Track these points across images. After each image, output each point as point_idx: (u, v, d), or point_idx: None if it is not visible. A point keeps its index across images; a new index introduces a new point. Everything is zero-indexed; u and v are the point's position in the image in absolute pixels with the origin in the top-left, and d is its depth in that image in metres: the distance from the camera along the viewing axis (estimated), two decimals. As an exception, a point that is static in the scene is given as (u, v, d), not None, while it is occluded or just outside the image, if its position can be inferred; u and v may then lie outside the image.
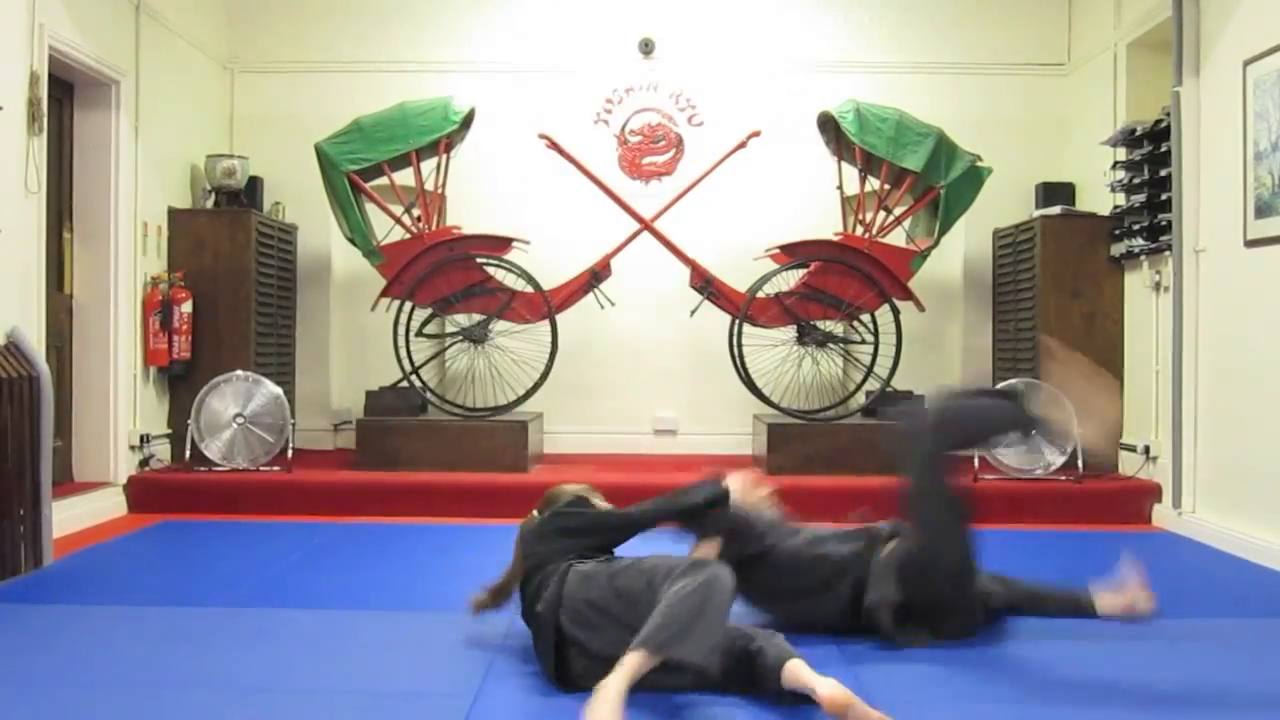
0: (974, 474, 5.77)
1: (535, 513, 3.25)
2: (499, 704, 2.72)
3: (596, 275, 6.27)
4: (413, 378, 6.27)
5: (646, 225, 6.38)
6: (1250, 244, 4.82)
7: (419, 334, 6.30)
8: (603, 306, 6.32)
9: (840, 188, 6.34)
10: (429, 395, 6.40)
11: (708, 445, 6.96)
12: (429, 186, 6.21)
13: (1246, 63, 4.85)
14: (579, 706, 2.71)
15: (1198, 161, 5.31)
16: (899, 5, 7.20)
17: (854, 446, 6.03)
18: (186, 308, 6.15)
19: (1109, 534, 5.29)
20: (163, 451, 6.19)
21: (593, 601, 2.80)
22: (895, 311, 6.18)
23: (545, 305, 6.15)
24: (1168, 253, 5.57)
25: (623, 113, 7.19)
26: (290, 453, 5.97)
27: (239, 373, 5.99)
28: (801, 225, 6.54)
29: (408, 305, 6.23)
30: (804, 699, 2.60)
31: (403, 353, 6.22)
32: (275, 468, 5.88)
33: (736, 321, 6.19)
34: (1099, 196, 6.46)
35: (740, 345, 6.20)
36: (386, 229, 6.25)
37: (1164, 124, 5.61)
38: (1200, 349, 5.29)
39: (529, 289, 6.19)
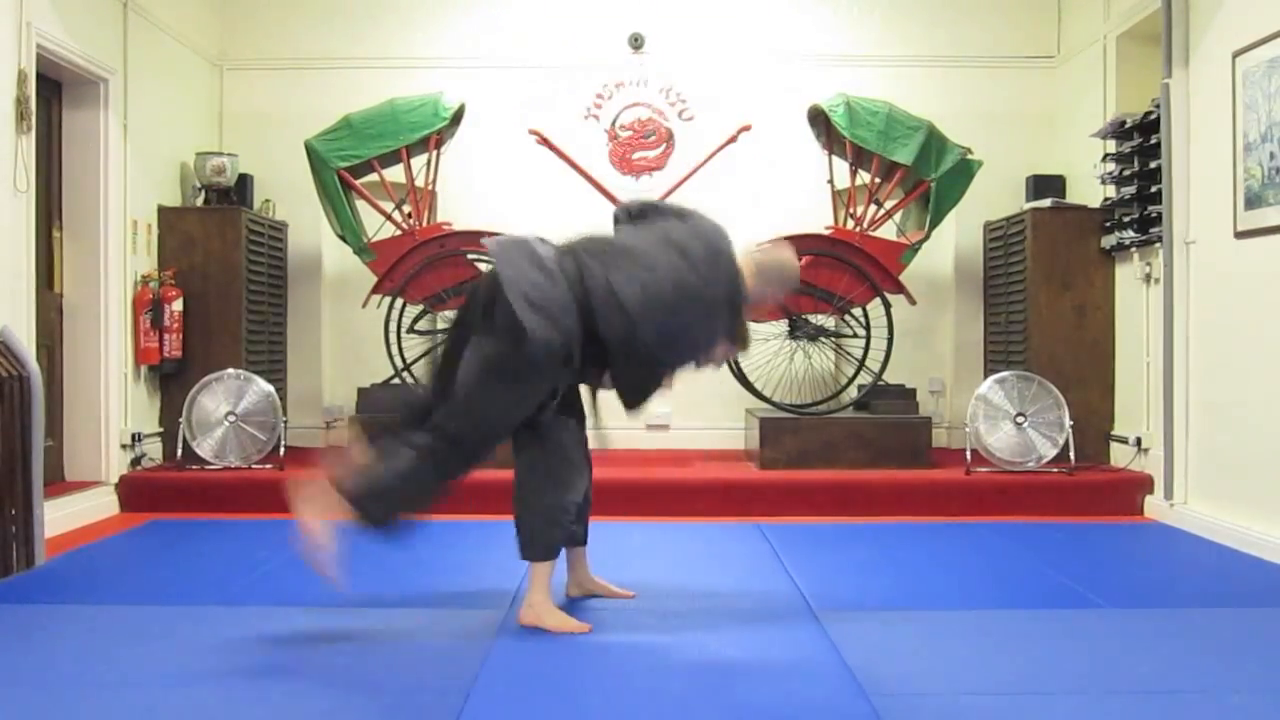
0: (966, 467, 5.79)
1: None
2: (493, 701, 2.72)
3: (588, 271, 6.26)
4: (405, 374, 6.26)
5: (638, 220, 6.36)
6: (1240, 235, 4.83)
7: (410, 331, 6.29)
8: (594, 302, 6.31)
9: (831, 181, 6.34)
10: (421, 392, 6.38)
11: (700, 440, 6.97)
12: (419, 183, 6.20)
13: (1236, 54, 4.86)
14: (572, 703, 2.72)
15: (1187, 153, 5.32)
16: (889, -2, 7.22)
17: (846, 440, 6.04)
18: (177, 306, 6.13)
19: (1101, 525, 5.31)
20: (154, 450, 6.18)
21: None
22: (886, 305, 6.18)
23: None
24: (1158, 244, 5.58)
25: (613, 108, 7.18)
26: (282, 450, 5.96)
27: (230, 371, 5.98)
28: (792, 219, 6.53)
29: (399, 302, 6.23)
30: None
31: (394, 349, 6.21)
32: (267, 466, 5.88)
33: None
34: (1089, 189, 6.48)
35: (732, 340, 6.19)
36: (377, 226, 6.25)
37: (1154, 116, 5.62)
38: (1191, 340, 5.31)
39: (521, 285, 6.17)
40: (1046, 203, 6.47)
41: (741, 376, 6.30)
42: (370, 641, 3.24)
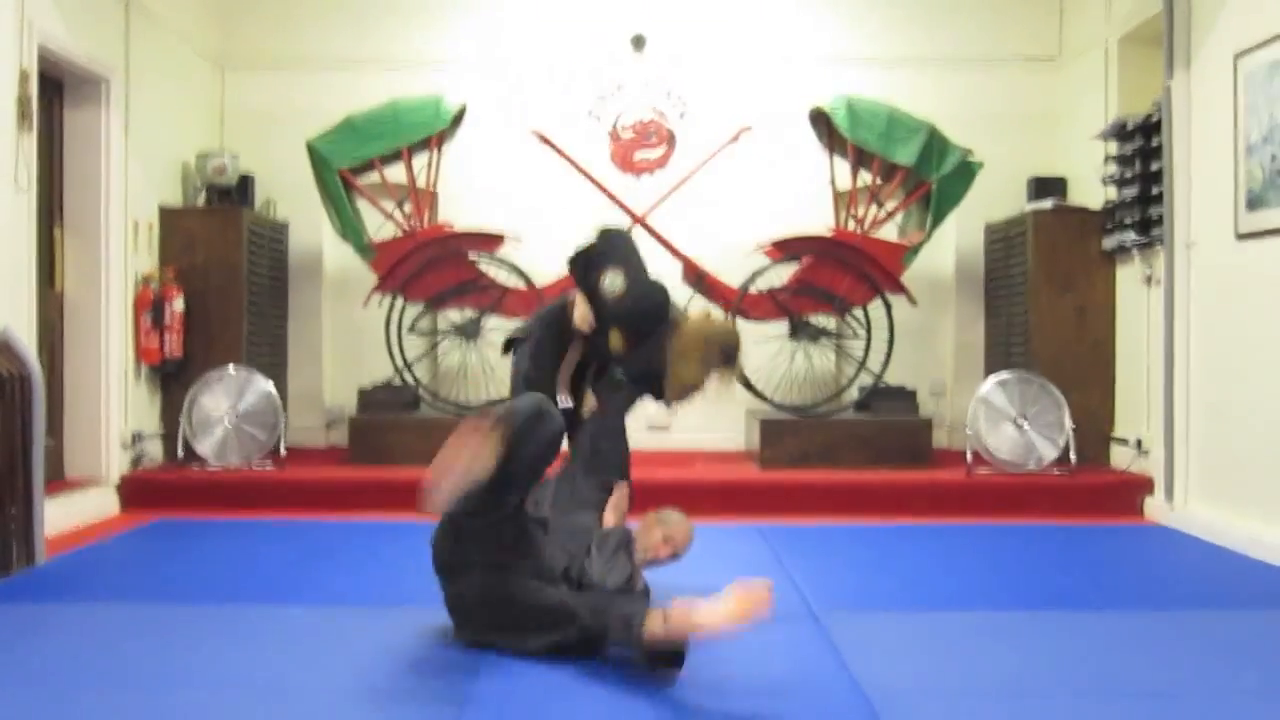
0: (966, 468, 5.79)
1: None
2: (493, 700, 2.71)
3: (589, 271, 6.26)
4: (405, 374, 6.26)
5: (639, 220, 6.37)
6: (1242, 237, 4.83)
7: (411, 330, 6.30)
8: (595, 302, 6.31)
9: (832, 182, 6.34)
10: (421, 391, 6.39)
11: (701, 441, 6.96)
12: (420, 183, 6.20)
13: (1237, 56, 4.85)
14: (572, 703, 2.72)
15: (1189, 155, 5.32)
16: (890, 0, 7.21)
17: (847, 441, 6.04)
18: (178, 305, 6.13)
19: (1101, 527, 5.31)
20: (155, 449, 6.17)
21: None
22: (887, 306, 6.18)
23: (538, 301, 6.14)
24: (1159, 246, 5.58)
25: (614, 108, 7.18)
26: (283, 450, 5.96)
27: (231, 370, 5.98)
28: (793, 220, 6.53)
29: (400, 302, 6.23)
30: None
31: (395, 349, 6.22)
32: (268, 465, 5.88)
33: (729, 316, 6.19)
34: (1091, 190, 6.47)
35: (733, 340, 6.20)
36: (378, 226, 6.25)
37: (1155, 118, 5.62)
38: (1192, 342, 5.31)
39: (521, 285, 6.19)
40: (1048, 204, 6.47)
41: (742, 377, 6.29)
42: (370, 641, 3.23)
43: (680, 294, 6.30)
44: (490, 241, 6.22)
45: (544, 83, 7.14)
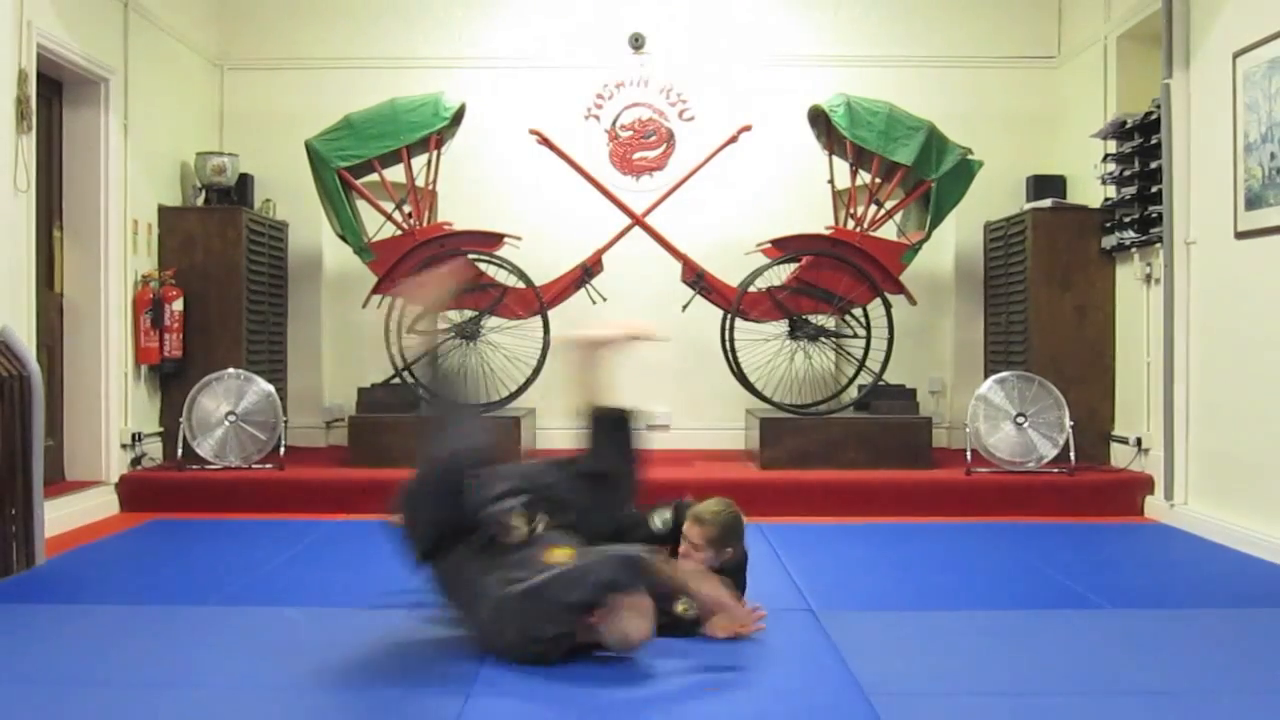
0: (966, 467, 5.79)
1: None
2: (492, 701, 2.72)
3: (588, 271, 6.27)
4: (405, 374, 6.26)
5: (638, 220, 6.37)
6: (1241, 235, 4.83)
7: (410, 331, 6.29)
8: (595, 302, 6.32)
9: (831, 182, 6.33)
10: (421, 392, 6.38)
11: (700, 440, 6.96)
12: (420, 183, 6.19)
13: (1236, 54, 4.85)
14: (570, 705, 2.72)
15: (1188, 153, 5.32)
16: (890, -1, 7.22)
17: (847, 440, 6.04)
18: (178, 306, 6.13)
19: (1101, 526, 5.31)
20: (154, 450, 6.17)
21: None
22: (887, 305, 6.18)
23: (537, 301, 6.14)
24: (1158, 245, 5.58)
25: (613, 108, 7.18)
26: (282, 450, 5.96)
27: (230, 371, 5.98)
28: (793, 219, 6.54)
29: (399, 302, 6.22)
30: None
31: (394, 349, 6.21)
32: (268, 465, 5.87)
33: (728, 316, 6.19)
34: (1090, 189, 6.47)
35: (732, 340, 6.20)
36: (377, 226, 6.24)
37: (1154, 116, 5.62)
38: (1191, 340, 5.31)
39: (521, 285, 6.18)
40: (1047, 203, 6.47)
41: (742, 376, 6.30)
42: (370, 641, 3.23)
43: (679, 294, 6.33)
44: (489, 241, 6.22)
45: (543, 82, 7.14)
